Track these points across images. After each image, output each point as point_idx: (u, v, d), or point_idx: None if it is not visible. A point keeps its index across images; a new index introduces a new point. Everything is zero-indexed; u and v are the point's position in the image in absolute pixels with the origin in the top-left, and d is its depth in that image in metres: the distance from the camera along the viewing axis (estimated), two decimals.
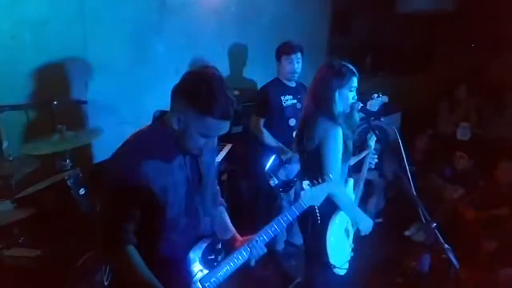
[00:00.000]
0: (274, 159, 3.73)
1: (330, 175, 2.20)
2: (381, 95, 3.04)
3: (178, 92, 1.83)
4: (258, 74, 4.74)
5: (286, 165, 3.70)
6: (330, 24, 6.04)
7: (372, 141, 3.07)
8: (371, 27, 6.54)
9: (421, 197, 2.39)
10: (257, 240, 2.05)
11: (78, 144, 2.89)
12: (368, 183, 4.06)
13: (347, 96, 2.70)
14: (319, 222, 2.72)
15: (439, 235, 2.26)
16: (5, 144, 2.81)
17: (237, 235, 2.21)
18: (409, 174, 2.56)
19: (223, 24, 4.66)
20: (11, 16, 3.20)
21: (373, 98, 3.03)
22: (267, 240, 2.08)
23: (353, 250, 2.90)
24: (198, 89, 1.78)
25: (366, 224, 2.83)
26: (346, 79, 2.69)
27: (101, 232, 1.90)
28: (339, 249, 2.79)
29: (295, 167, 3.62)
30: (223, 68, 4.69)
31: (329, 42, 6.01)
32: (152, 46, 4.05)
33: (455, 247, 2.21)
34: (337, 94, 2.68)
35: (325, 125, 2.70)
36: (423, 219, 2.33)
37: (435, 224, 2.28)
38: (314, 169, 2.70)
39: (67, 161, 2.99)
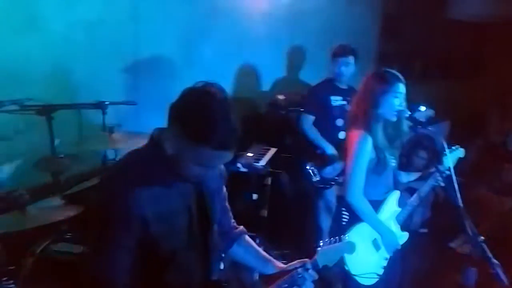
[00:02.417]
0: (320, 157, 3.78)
1: (347, 237, 2.00)
2: (426, 108, 2.96)
3: (173, 113, 1.56)
4: (307, 77, 4.74)
5: (330, 164, 3.76)
6: (379, 29, 5.96)
7: (449, 160, 2.78)
8: (421, 33, 6.39)
9: (468, 208, 2.32)
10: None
11: (127, 145, 2.96)
12: (410, 189, 4.00)
13: (391, 102, 2.65)
14: (343, 224, 2.72)
15: (486, 249, 2.18)
16: (56, 142, 2.89)
17: (279, 264, 1.97)
18: (456, 185, 2.50)
19: (273, 27, 4.68)
20: (65, 17, 3.31)
21: (419, 111, 2.96)
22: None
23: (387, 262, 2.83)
24: (193, 113, 1.51)
25: (391, 240, 2.76)
26: (390, 85, 2.64)
27: (88, 273, 1.61)
28: (361, 258, 2.70)
29: (339, 167, 3.64)
30: (274, 71, 4.70)
31: (377, 46, 5.93)
32: (201, 49, 4.10)
33: (503, 262, 2.13)
34: (379, 100, 2.64)
35: (356, 132, 2.67)
36: (469, 231, 2.27)
37: (482, 238, 2.21)
38: None
39: (116, 160, 3.06)
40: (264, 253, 2.03)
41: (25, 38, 3.19)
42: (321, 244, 1.96)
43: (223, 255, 1.98)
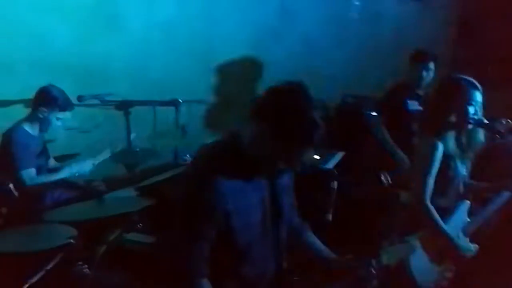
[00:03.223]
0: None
1: (411, 241, 2.01)
2: (508, 121, 2.83)
3: (257, 111, 1.61)
4: (377, 81, 4.67)
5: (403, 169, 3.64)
6: (454, 33, 5.76)
7: None
8: (499, 37, 6.11)
9: None
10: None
11: (199, 142, 3.03)
12: (482, 200, 3.85)
13: (466, 110, 2.55)
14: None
15: None
16: (132, 136, 3.02)
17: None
18: None
19: (344, 30, 4.65)
20: (144, 17, 3.45)
21: (500, 122, 2.83)
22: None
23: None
24: (279, 111, 1.55)
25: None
26: (465, 92, 2.55)
27: (169, 260, 1.72)
28: (424, 265, 2.60)
29: None
30: (344, 74, 4.69)
31: (452, 51, 5.72)
32: (270, 50, 4.14)
33: None
34: (453, 107, 2.56)
35: (427, 138, 2.60)
36: None
37: None
38: None
39: (187, 155, 3.16)
40: (326, 249, 2.03)
41: (106, 37, 3.37)
42: (384, 243, 1.97)
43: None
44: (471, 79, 2.60)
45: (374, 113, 3.98)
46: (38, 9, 3.14)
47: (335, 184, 3.64)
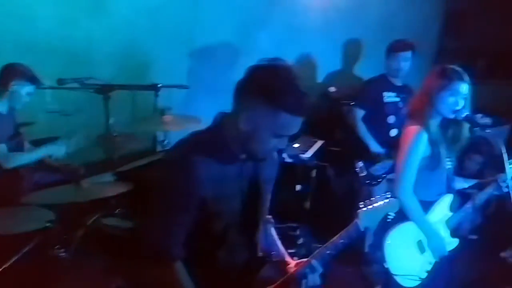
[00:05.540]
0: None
1: (388, 195, 1.98)
2: (483, 116, 2.84)
3: (247, 88, 1.64)
4: (362, 71, 4.68)
5: (379, 161, 3.71)
6: (442, 25, 5.75)
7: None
8: (488, 30, 6.11)
9: None
10: (313, 267, 1.86)
11: (177, 128, 3.04)
12: (466, 195, 3.90)
13: (447, 100, 2.57)
14: (388, 221, 2.63)
15: None
16: (111, 121, 3.00)
17: (288, 258, 2.02)
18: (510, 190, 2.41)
19: (330, 19, 4.63)
20: (131, 2, 3.42)
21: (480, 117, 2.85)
22: (321, 265, 1.89)
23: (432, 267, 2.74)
24: (270, 83, 1.60)
25: (437, 245, 2.68)
26: (448, 82, 2.55)
27: (145, 242, 1.72)
28: (402, 258, 2.66)
29: (389, 165, 3.58)
30: (328, 63, 4.69)
31: (439, 43, 5.73)
32: (257, 37, 4.13)
33: None
34: (435, 96, 2.57)
35: (411, 127, 2.62)
36: None
37: None
38: None
39: (165, 142, 3.16)
40: (281, 246, 2.08)
41: (91, 20, 3.34)
42: (362, 205, 1.93)
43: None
44: (459, 70, 2.60)
45: (352, 104, 4.01)
46: None
47: (314, 172, 3.68)
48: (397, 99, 3.87)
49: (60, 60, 3.24)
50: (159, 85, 3.10)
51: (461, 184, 2.89)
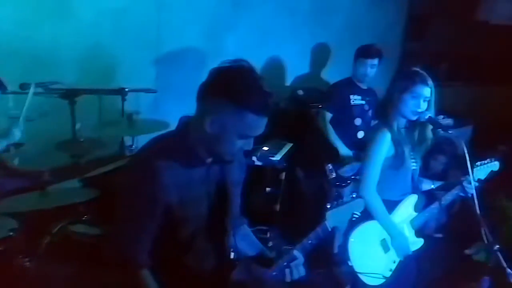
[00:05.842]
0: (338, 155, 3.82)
1: (353, 195, 2.08)
2: (445, 117, 2.93)
3: (210, 90, 1.65)
4: (329, 75, 4.73)
5: (347, 163, 3.76)
6: (406, 28, 5.89)
7: (482, 172, 2.82)
8: (450, 34, 6.29)
9: (487, 216, 2.29)
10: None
11: (145, 132, 3.00)
12: (431, 196, 4.00)
13: (407, 102, 2.62)
14: (353, 220, 2.68)
15: (501, 258, 2.16)
16: (77, 126, 2.95)
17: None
18: (474, 191, 2.47)
19: (297, 22, 4.68)
20: (95, 5, 3.36)
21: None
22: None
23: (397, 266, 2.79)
24: (234, 84, 1.60)
25: (401, 244, 2.72)
26: (410, 84, 2.62)
27: (111, 249, 1.73)
28: (366, 256, 2.71)
29: (357, 166, 3.62)
30: (296, 67, 4.71)
31: (402, 46, 5.86)
32: (224, 41, 4.12)
33: None
34: (397, 97, 2.63)
35: (376, 127, 2.70)
36: (485, 239, 2.24)
37: (497, 246, 2.18)
38: None
39: (133, 146, 3.12)
40: (258, 244, 2.09)
41: (55, 23, 3.26)
42: (329, 206, 2.01)
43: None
44: (422, 73, 2.66)
45: (320, 107, 4.06)
46: None
47: (283, 175, 3.70)
48: (363, 102, 3.97)
49: (22, 64, 3.15)
50: (126, 89, 3.07)
51: (427, 185, 2.95)
